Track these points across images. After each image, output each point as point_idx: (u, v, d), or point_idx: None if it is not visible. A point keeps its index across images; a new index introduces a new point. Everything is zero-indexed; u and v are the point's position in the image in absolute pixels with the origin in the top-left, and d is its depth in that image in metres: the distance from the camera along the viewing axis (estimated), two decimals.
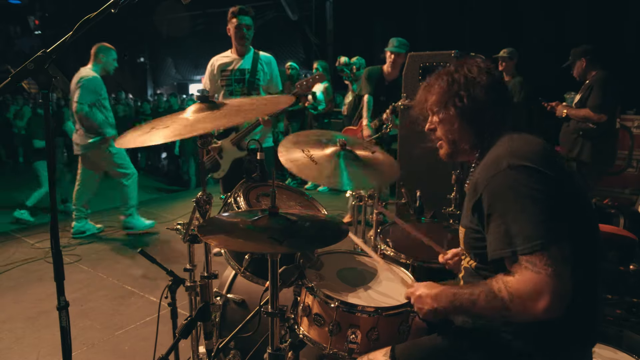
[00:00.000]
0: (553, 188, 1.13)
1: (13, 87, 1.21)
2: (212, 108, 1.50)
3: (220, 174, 3.64)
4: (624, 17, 6.55)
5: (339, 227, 1.41)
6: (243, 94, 3.64)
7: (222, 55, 3.75)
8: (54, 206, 1.28)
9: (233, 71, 3.64)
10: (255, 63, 3.66)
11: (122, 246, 4.61)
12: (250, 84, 3.63)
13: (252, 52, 3.70)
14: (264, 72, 3.70)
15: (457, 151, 1.42)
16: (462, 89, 1.33)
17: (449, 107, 1.36)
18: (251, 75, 3.64)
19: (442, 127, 1.41)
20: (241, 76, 3.65)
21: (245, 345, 1.85)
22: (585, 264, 1.18)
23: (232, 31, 3.58)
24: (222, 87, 3.66)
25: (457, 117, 1.35)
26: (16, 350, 2.74)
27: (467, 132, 1.36)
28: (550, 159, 1.20)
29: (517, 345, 1.21)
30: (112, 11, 1.27)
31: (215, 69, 3.67)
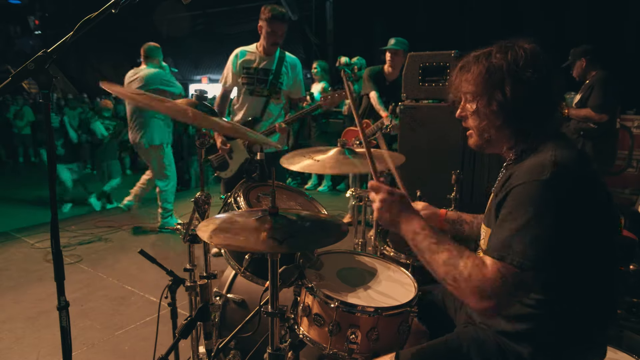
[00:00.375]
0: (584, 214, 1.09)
1: (13, 87, 1.21)
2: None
3: (228, 174, 3.59)
4: (624, 17, 6.55)
5: (339, 227, 1.41)
6: (263, 95, 3.53)
7: (247, 49, 3.55)
8: (54, 206, 1.28)
9: (257, 69, 3.50)
10: (280, 64, 3.52)
11: (122, 246, 4.61)
12: (272, 86, 3.51)
13: (278, 52, 3.55)
14: (287, 76, 3.57)
15: (487, 146, 1.33)
16: (503, 81, 1.19)
17: (485, 99, 1.23)
18: (274, 78, 3.50)
19: (475, 118, 1.29)
20: (264, 76, 3.51)
21: (245, 345, 1.85)
22: (604, 277, 1.18)
23: (265, 32, 3.38)
24: (244, 85, 3.52)
25: (494, 112, 1.22)
26: (16, 350, 2.75)
27: (503, 129, 1.25)
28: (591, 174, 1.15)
29: (524, 352, 1.20)
30: (113, 11, 1.27)
31: (238, 64, 3.50)
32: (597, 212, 1.12)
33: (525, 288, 1.10)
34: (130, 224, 5.21)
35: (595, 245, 1.14)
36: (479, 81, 1.23)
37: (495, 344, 1.25)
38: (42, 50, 1.21)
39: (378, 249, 2.12)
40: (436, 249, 1.18)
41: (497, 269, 1.07)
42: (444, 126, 3.09)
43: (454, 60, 3.04)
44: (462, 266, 1.12)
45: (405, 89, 3.31)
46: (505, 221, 1.12)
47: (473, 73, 1.25)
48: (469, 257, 1.13)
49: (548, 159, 1.11)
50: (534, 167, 1.12)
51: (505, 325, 1.24)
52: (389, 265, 1.72)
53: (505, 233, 1.10)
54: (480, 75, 1.23)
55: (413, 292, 1.50)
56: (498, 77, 1.20)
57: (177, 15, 12.82)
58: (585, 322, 1.18)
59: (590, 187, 1.12)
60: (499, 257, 1.08)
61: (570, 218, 1.07)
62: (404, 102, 3.32)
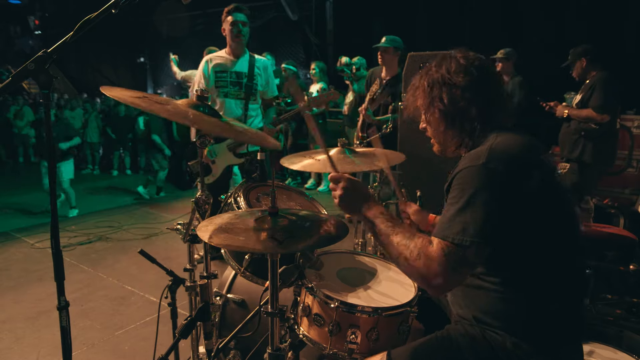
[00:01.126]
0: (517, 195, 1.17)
1: (13, 87, 1.21)
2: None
3: (210, 179, 3.57)
4: (624, 17, 6.55)
5: (339, 227, 1.41)
6: (240, 98, 3.59)
7: (216, 54, 3.66)
8: (54, 206, 1.28)
9: (229, 73, 3.57)
10: (252, 67, 3.60)
11: (122, 246, 4.61)
12: (248, 88, 3.58)
13: (248, 55, 3.64)
14: (261, 77, 3.65)
15: (445, 150, 1.46)
16: (440, 90, 1.35)
17: (430, 109, 1.39)
18: (249, 80, 3.58)
19: (429, 128, 1.45)
20: (237, 79, 3.58)
21: (245, 345, 1.85)
22: (564, 258, 1.25)
23: (227, 30, 3.51)
24: (217, 89, 3.58)
25: (440, 119, 1.38)
26: (16, 350, 2.75)
27: (451, 132, 1.38)
28: (528, 160, 1.22)
29: (513, 345, 1.22)
30: (113, 11, 1.27)
31: (210, 69, 3.57)
32: (536, 194, 1.18)
33: (468, 264, 1.17)
34: (130, 224, 5.21)
35: (540, 224, 1.20)
36: (423, 95, 1.40)
37: (482, 338, 1.27)
38: (42, 50, 1.21)
39: (378, 249, 2.12)
40: (392, 231, 1.26)
41: (440, 248, 1.16)
42: None
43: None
44: (412, 246, 1.19)
45: (405, 88, 3.31)
46: (449, 204, 1.22)
47: (418, 89, 1.42)
48: (419, 237, 1.21)
49: (486, 146, 1.23)
50: (474, 154, 1.24)
51: (481, 315, 1.29)
52: (389, 265, 1.72)
53: (448, 214, 1.20)
54: (423, 90, 1.40)
55: (413, 292, 1.50)
56: (436, 88, 1.36)
57: (177, 15, 12.83)
58: (550, 303, 1.23)
59: (526, 169, 1.19)
60: (442, 236, 1.17)
61: (505, 197, 1.16)
62: (404, 102, 3.32)
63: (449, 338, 1.32)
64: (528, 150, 1.25)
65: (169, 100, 1.52)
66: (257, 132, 1.77)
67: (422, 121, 1.47)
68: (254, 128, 3.37)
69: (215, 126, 1.47)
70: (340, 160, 1.77)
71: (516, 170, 1.18)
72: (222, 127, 1.49)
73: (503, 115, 1.36)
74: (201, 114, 1.47)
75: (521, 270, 1.23)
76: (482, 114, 1.33)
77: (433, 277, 1.15)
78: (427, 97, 1.38)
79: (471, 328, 1.31)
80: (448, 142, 1.42)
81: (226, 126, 1.50)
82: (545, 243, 1.22)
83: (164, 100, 1.46)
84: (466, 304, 1.34)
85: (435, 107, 1.36)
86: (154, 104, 1.38)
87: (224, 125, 1.50)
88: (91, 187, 7.92)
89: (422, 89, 1.40)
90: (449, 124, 1.37)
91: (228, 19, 3.49)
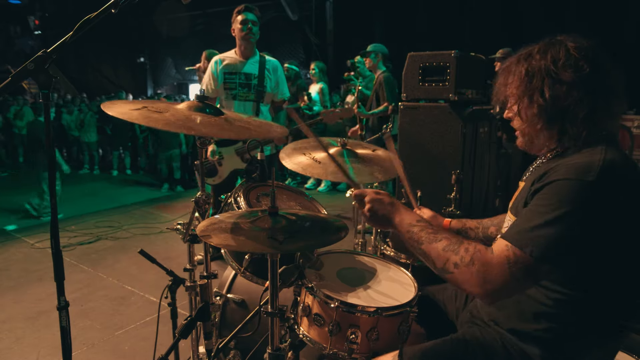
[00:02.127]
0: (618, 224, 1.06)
1: (13, 87, 1.21)
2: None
3: (216, 181, 3.58)
4: (624, 17, 6.55)
5: (339, 227, 1.41)
6: (249, 100, 3.55)
7: (225, 55, 3.61)
8: (54, 206, 1.28)
9: (238, 74, 3.52)
10: (262, 68, 3.54)
11: (122, 246, 4.61)
12: (258, 92, 3.53)
13: (258, 56, 3.59)
14: (270, 79, 3.59)
15: (532, 147, 1.30)
16: (542, 83, 1.16)
17: (525, 101, 1.21)
18: (259, 83, 3.53)
19: (519, 120, 1.28)
20: (247, 81, 3.53)
21: (245, 345, 1.85)
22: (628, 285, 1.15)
23: (237, 30, 3.46)
24: (225, 90, 3.54)
25: (537, 115, 1.20)
26: (16, 350, 2.75)
27: (544, 131, 1.21)
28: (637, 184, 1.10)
29: (534, 353, 1.18)
30: (113, 11, 1.27)
31: (219, 71, 3.54)
32: (633, 223, 1.08)
33: (534, 278, 1.08)
34: (130, 224, 5.22)
35: (625, 252, 1.11)
36: (519, 83, 1.22)
37: (501, 345, 1.24)
38: (42, 50, 1.21)
39: (378, 249, 2.12)
40: (434, 237, 1.18)
41: (505, 256, 1.06)
42: (444, 126, 3.09)
43: (454, 60, 3.04)
44: (463, 251, 1.11)
45: (405, 89, 3.31)
46: (536, 211, 1.09)
47: (514, 75, 1.24)
48: (469, 243, 1.13)
49: (597, 160, 1.07)
50: (580, 165, 1.08)
51: (518, 324, 1.22)
52: (389, 265, 1.72)
53: (532, 222, 1.07)
54: (520, 77, 1.22)
55: (413, 292, 1.50)
56: (537, 79, 1.18)
57: (177, 15, 12.83)
58: (602, 330, 1.16)
59: (633, 197, 1.08)
60: (518, 244, 1.06)
61: (605, 224, 1.05)
62: (404, 102, 3.32)
63: (463, 341, 1.30)
64: (636, 172, 1.11)
65: (168, 106, 1.48)
66: (262, 122, 1.72)
67: (509, 110, 1.31)
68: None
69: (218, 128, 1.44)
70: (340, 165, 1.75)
71: (627, 198, 1.06)
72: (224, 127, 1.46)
73: (614, 123, 1.19)
74: (206, 115, 1.45)
75: (582, 293, 1.13)
76: (591, 118, 1.14)
77: (489, 283, 1.06)
78: (523, 87, 1.20)
79: (487, 333, 1.28)
80: (540, 141, 1.25)
81: (228, 125, 1.48)
82: (619, 268, 1.12)
83: (162, 108, 1.42)
84: (504, 306, 1.26)
85: (534, 101, 1.18)
86: (152, 114, 1.34)
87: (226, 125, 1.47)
88: (91, 187, 7.93)
89: (519, 76, 1.22)
90: (547, 123, 1.19)
91: (238, 19, 3.45)
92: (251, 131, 1.56)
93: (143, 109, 1.37)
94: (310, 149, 1.89)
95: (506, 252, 1.06)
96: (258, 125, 1.64)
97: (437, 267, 1.17)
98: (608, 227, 1.05)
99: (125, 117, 1.29)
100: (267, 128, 1.65)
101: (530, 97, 1.19)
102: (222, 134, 1.46)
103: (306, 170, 1.75)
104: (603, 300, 1.13)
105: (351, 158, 1.87)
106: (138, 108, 1.37)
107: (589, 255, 1.07)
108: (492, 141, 3.56)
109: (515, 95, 1.24)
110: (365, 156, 1.91)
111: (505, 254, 1.06)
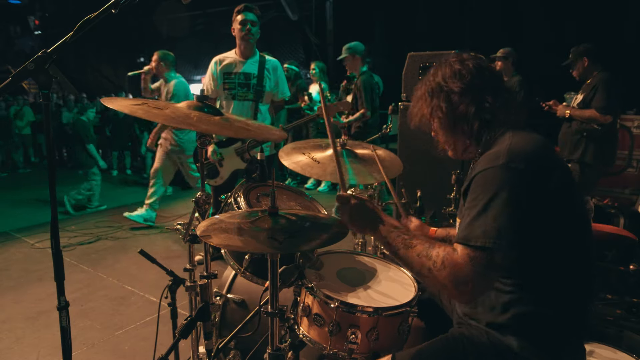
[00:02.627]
0: (539, 194, 1.15)
1: (13, 87, 1.21)
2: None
3: (218, 182, 3.58)
4: (624, 17, 6.55)
5: (339, 227, 1.41)
6: (248, 100, 3.54)
7: (225, 55, 3.61)
8: (54, 206, 1.28)
9: (237, 74, 3.52)
10: (261, 68, 3.54)
11: (122, 246, 4.61)
12: (257, 91, 3.53)
13: (258, 56, 3.59)
14: (270, 79, 3.59)
15: (459, 152, 1.44)
16: (439, 98, 1.35)
17: (434, 117, 1.39)
18: (258, 83, 3.52)
19: (439, 134, 1.45)
20: (246, 80, 3.53)
21: (245, 345, 1.85)
22: (577, 260, 1.22)
23: (236, 30, 3.47)
24: (225, 91, 3.54)
25: (443, 126, 1.39)
26: (16, 350, 2.75)
27: (457, 136, 1.38)
28: (548, 159, 1.21)
29: (520, 347, 1.21)
30: (113, 11, 1.27)
31: (218, 71, 3.55)
32: (555, 194, 1.17)
33: (495, 268, 1.13)
34: (130, 224, 5.21)
35: (557, 225, 1.18)
36: (425, 105, 1.40)
37: (487, 340, 1.27)
38: (42, 50, 1.21)
39: (378, 249, 2.12)
40: (409, 243, 1.23)
41: (465, 254, 1.13)
42: None
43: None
44: (434, 256, 1.17)
45: (405, 89, 3.31)
46: (469, 208, 1.19)
47: (420, 99, 1.42)
48: (440, 246, 1.19)
49: (504, 146, 1.21)
50: (491, 155, 1.22)
51: (490, 317, 1.27)
52: (389, 265, 1.72)
53: (468, 218, 1.17)
54: (424, 99, 1.40)
55: (413, 292, 1.50)
56: (435, 96, 1.36)
57: (177, 15, 12.82)
58: (564, 308, 1.22)
59: (547, 168, 1.18)
60: (465, 242, 1.14)
61: (526, 198, 1.14)
62: (404, 102, 3.32)
63: (453, 340, 1.32)
64: (546, 148, 1.23)
65: (168, 104, 1.50)
66: (260, 125, 1.75)
67: (432, 129, 1.47)
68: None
69: (218, 126, 1.45)
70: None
71: (538, 169, 1.17)
72: (224, 126, 1.47)
73: (510, 113, 1.33)
74: (204, 114, 1.45)
75: (534, 271, 1.21)
76: (484, 114, 1.32)
77: (461, 284, 1.12)
78: (428, 105, 1.39)
79: (474, 330, 1.31)
80: (458, 146, 1.41)
81: (228, 124, 1.48)
82: (560, 244, 1.20)
83: (162, 105, 1.45)
84: (475, 303, 1.33)
85: (435, 115, 1.37)
86: (152, 109, 1.36)
87: (226, 124, 1.48)
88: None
89: (424, 99, 1.40)
90: (453, 130, 1.37)
91: (237, 18, 3.45)
92: (250, 132, 1.58)
93: (143, 105, 1.38)
94: (309, 149, 1.89)
95: (465, 251, 1.14)
96: (257, 127, 1.66)
97: (413, 271, 1.23)
98: (531, 199, 1.14)
99: (126, 111, 1.32)
100: (266, 130, 1.67)
101: (433, 114, 1.38)
102: (221, 132, 1.47)
103: (305, 170, 1.74)
104: (554, 278, 1.21)
105: (350, 158, 1.87)
106: (139, 104, 1.39)
107: (526, 233, 1.14)
108: None
109: (426, 115, 1.42)
110: (365, 156, 1.91)
111: (465, 252, 1.13)
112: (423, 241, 1.22)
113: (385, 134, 3.43)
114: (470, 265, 1.11)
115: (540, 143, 1.24)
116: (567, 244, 1.21)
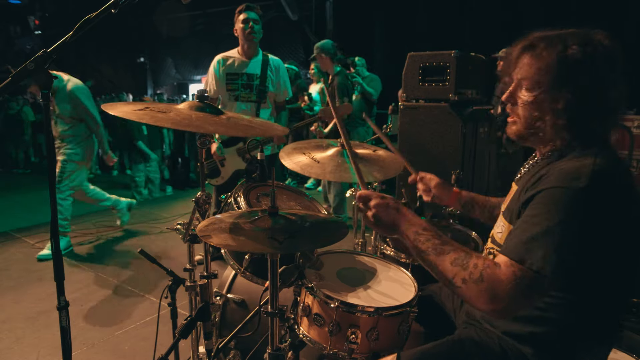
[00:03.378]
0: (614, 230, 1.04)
1: (13, 87, 1.21)
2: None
3: (219, 181, 3.58)
4: (624, 17, 6.55)
5: (339, 227, 1.41)
6: (251, 101, 3.54)
7: (227, 54, 3.58)
8: (54, 206, 1.28)
9: (240, 75, 3.50)
10: (265, 68, 3.53)
11: (122, 246, 4.62)
12: (260, 92, 3.52)
13: (261, 55, 3.57)
14: (272, 79, 3.58)
15: (532, 139, 1.22)
16: (577, 77, 1.07)
17: (551, 93, 1.10)
18: (261, 83, 3.51)
19: (527, 109, 1.17)
20: (249, 81, 3.51)
21: (245, 345, 1.85)
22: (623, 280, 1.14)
23: (239, 29, 3.45)
24: (228, 92, 3.53)
25: (558, 110, 1.10)
26: (16, 350, 2.75)
27: (561, 129, 1.12)
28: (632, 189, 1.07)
29: (528, 352, 1.19)
30: (113, 11, 1.27)
31: (221, 72, 3.52)
32: (626, 228, 1.07)
33: (540, 292, 1.06)
34: (130, 224, 5.21)
35: (618, 257, 1.10)
36: (548, 71, 1.10)
37: (498, 345, 1.24)
38: (42, 50, 1.21)
39: (378, 249, 2.12)
40: (442, 249, 1.13)
41: (512, 272, 1.03)
42: (444, 126, 3.09)
43: (454, 60, 3.04)
44: (472, 267, 1.07)
45: (405, 89, 3.31)
46: (530, 223, 1.06)
47: (542, 59, 1.11)
48: (478, 257, 1.09)
49: (587, 166, 1.04)
50: (570, 171, 1.05)
51: (512, 327, 1.22)
52: (389, 265, 1.72)
53: (527, 235, 1.05)
54: (552, 64, 1.09)
55: (413, 292, 1.50)
56: (573, 73, 1.07)
57: (177, 15, 12.83)
58: (593, 330, 1.16)
59: (625, 202, 1.05)
60: (518, 260, 1.03)
61: (597, 231, 1.03)
62: (404, 102, 3.32)
63: (459, 343, 1.30)
64: (630, 175, 1.08)
65: (169, 106, 1.49)
66: (264, 122, 1.73)
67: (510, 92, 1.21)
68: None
69: (221, 126, 1.44)
70: (339, 166, 1.75)
71: (620, 203, 1.04)
72: (227, 125, 1.46)
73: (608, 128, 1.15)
74: (205, 115, 1.45)
75: (577, 293, 1.12)
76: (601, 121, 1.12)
77: (497, 301, 1.02)
78: (553, 77, 1.09)
79: (484, 333, 1.28)
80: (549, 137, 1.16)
81: (230, 124, 1.48)
82: (613, 269, 1.11)
83: (165, 108, 1.43)
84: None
85: (562, 95, 1.08)
86: (156, 114, 1.34)
87: (229, 124, 1.47)
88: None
89: (550, 62, 1.09)
90: (569, 121, 1.10)
91: (240, 18, 3.45)
92: (255, 129, 1.56)
93: (146, 109, 1.37)
94: (310, 149, 1.89)
95: (512, 268, 1.03)
96: (260, 124, 1.65)
97: (444, 279, 1.13)
98: (601, 232, 1.03)
99: (130, 117, 1.27)
100: (269, 126, 1.66)
101: (559, 90, 1.08)
102: (227, 132, 1.46)
103: (305, 170, 1.74)
104: (596, 301, 1.13)
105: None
106: (141, 109, 1.37)
107: (584, 261, 1.05)
108: (492, 141, 3.56)
109: (535, 81, 1.12)
110: (365, 156, 1.91)
111: (511, 270, 1.03)
112: (457, 248, 1.12)
113: (385, 134, 3.42)
114: (513, 283, 1.01)
115: (625, 168, 1.09)
116: (619, 269, 1.12)
